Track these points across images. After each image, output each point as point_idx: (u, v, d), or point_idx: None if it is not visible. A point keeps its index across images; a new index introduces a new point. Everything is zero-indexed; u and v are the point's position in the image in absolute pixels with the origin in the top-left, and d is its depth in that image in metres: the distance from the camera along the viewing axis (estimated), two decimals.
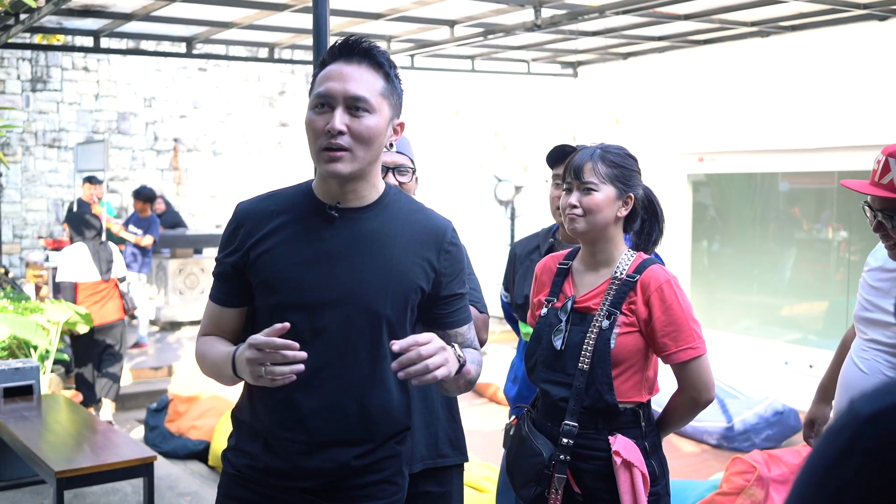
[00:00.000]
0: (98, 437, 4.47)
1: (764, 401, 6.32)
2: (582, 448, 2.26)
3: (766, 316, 9.20)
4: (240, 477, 1.96)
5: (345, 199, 1.91)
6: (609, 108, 9.68)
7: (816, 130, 7.84)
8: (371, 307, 1.88)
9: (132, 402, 7.78)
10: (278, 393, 1.87)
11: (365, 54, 1.87)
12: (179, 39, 8.08)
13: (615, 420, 2.26)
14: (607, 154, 2.32)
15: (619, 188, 2.31)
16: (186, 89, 13.31)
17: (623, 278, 2.28)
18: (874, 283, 2.51)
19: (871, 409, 0.73)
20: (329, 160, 1.83)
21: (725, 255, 9.57)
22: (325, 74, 1.86)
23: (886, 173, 2.29)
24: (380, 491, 1.96)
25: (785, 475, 4.30)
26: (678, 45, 8.59)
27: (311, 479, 1.90)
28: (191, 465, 6.17)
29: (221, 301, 1.99)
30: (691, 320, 2.25)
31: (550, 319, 2.36)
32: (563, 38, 8.36)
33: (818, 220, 8.85)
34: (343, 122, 1.81)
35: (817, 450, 0.77)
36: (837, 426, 0.75)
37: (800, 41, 7.85)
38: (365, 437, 1.91)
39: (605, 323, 2.25)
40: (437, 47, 8.24)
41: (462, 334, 2.05)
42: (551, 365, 2.33)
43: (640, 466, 2.20)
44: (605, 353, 2.23)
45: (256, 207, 1.96)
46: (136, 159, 13.03)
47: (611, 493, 2.21)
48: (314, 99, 1.86)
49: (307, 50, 9.29)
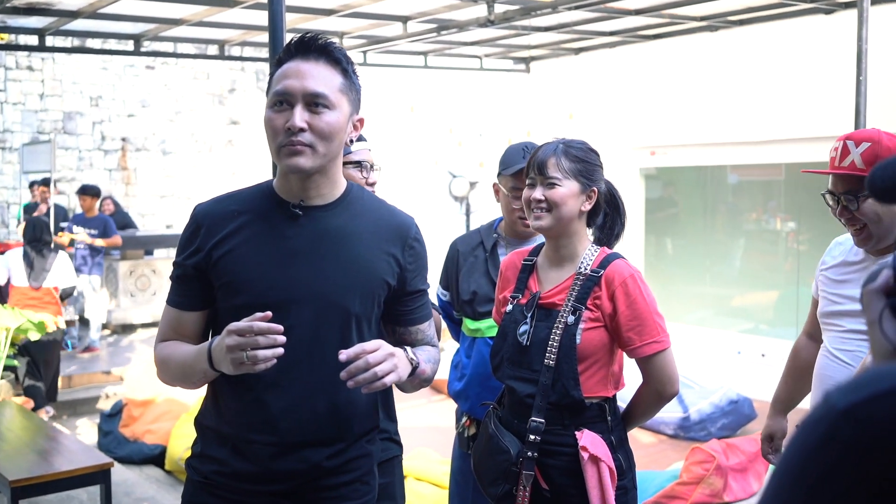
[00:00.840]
0: (52, 444, 4.38)
1: (718, 390, 6.41)
2: (549, 444, 2.26)
3: (718, 306, 9.33)
4: (207, 484, 1.92)
5: (307, 197, 1.89)
6: (562, 104, 9.73)
7: (764, 123, 7.97)
8: (339, 304, 1.87)
9: (85, 407, 7.64)
10: (246, 395, 1.85)
11: (322, 51, 1.85)
12: (127, 37, 7.94)
13: (581, 415, 2.26)
14: (570, 149, 2.33)
15: (583, 182, 2.32)
16: (134, 88, 13.10)
17: (587, 273, 2.29)
18: (838, 277, 2.53)
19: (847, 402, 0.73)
20: (290, 154, 1.81)
21: (677, 248, 9.69)
22: (283, 72, 1.84)
23: (846, 156, 2.35)
24: (352, 492, 1.94)
25: (743, 464, 4.37)
26: (629, 39, 8.67)
27: (282, 481, 1.87)
28: (147, 470, 6.08)
29: (181, 305, 1.94)
30: (655, 314, 2.27)
31: (516, 316, 2.36)
32: (515, 34, 8.38)
33: (766, 211, 9.00)
34: (303, 119, 1.80)
35: (794, 443, 0.77)
36: (813, 419, 0.76)
37: (748, 35, 7.97)
38: (336, 436, 1.90)
39: (570, 318, 2.25)
40: (390, 43, 8.21)
41: (423, 331, 2.05)
42: (517, 362, 2.32)
43: (607, 461, 2.21)
44: (570, 348, 2.23)
45: (216, 208, 1.93)
46: (84, 159, 12.79)
47: (578, 488, 2.22)
48: (272, 97, 1.84)
49: (258, 47, 9.20)
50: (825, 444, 0.73)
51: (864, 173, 2.31)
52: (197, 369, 1.85)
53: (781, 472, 0.77)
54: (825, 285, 2.57)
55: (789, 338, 8.35)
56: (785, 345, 8.09)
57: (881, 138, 2.34)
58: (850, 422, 0.72)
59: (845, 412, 0.72)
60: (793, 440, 0.77)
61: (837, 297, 2.50)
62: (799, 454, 0.76)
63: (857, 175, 2.31)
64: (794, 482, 0.75)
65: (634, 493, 2.35)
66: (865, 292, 0.90)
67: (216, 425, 1.92)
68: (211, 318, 1.96)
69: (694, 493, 4.28)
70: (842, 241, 2.60)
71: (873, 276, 0.90)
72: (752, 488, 4.43)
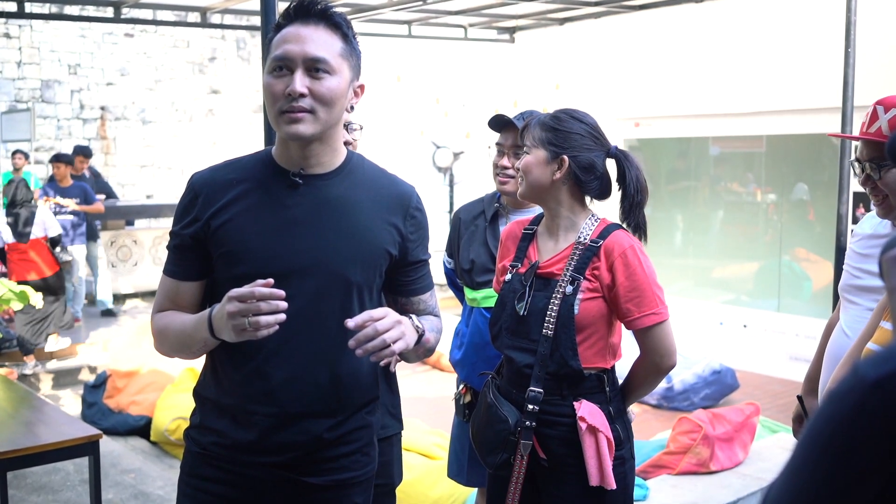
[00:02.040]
0: (38, 415, 4.34)
1: (701, 361, 6.47)
2: (547, 414, 2.27)
3: (699, 277, 9.39)
4: (206, 455, 1.91)
5: (307, 166, 1.87)
6: (547, 74, 9.69)
7: (747, 95, 7.97)
8: (340, 273, 1.85)
9: (68, 378, 7.60)
10: (246, 365, 1.84)
11: (321, 16, 1.82)
12: (106, 4, 7.80)
13: (580, 386, 2.27)
14: (549, 119, 2.34)
15: (551, 151, 2.31)
16: (113, 56, 12.92)
17: (586, 244, 2.28)
18: (863, 250, 2.48)
19: (877, 374, 0.73)
20: (290, 121, 1.78)
21: (659, 219, 9.72)
22: (282, 37, 1.81)
23: (874, 121, 2.28)
24: (352, 462, 1.94)
25: (729, 433, 4.41)
26: (614, 10, 8.62)
27: (282, 452, 1.86)
28: (132, 441, 6.06)
29: (178, 275, 1.92)
30: (654, 286, 2.26)
31: (514, 285, 2.36)
32: (500, 3, 8.31)
33: (748, 183, 9.03)
34: (304, 85, 1.77)
35: (821, 414, 0.77)
36: (842, 390, 0.76)
37: (733, 6, 7.95)
38: (336, 407, 1.89)
39: (568, 288, 2.24)
40: (374, 12, 8.12)
41: (425, 301, 2.04)
42: (515, 331, 2.32)
43: (604, 431, 2.22)
44: (568, 318, 2.23)
45: (214, 176, 1.90)
46: (62, 129, 12.63)
47: (576, 458, 2.23)
48: (272, 62, 1.81)
49: (239, 14, 9.07)
50: (855, 415, 0.73)
51: None
52: (197, 338, 1.82)
53: (808, 443, 0.77)
54: (850, 258, 2.52)
55: (770, 309, 8.43)
56: (766, 315, 8.20)
57: None
58: (879, 393, 0.72)
59: (875, 383, 0.72)
60: (820, 411, 0.77)
61: (859, 272, 2.47)
62: (827, 425, 0.76)
63: (882, 142, 2.24)
64: (821, 452, 0.75)
65: (632, 462, 2.37)
66: (885, 259, 0.90)
67: (215, 396, 1.91)
68: (209, 289, 1.94)
69: (681, 463, 4.32)
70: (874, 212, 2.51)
71: (893, 243, 0.90)
72: (738, 458, 4.48)
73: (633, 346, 2.39)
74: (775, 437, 4.95)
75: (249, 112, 13.92)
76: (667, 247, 9.48)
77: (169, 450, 5.84)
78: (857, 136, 2.33)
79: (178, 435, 5.64)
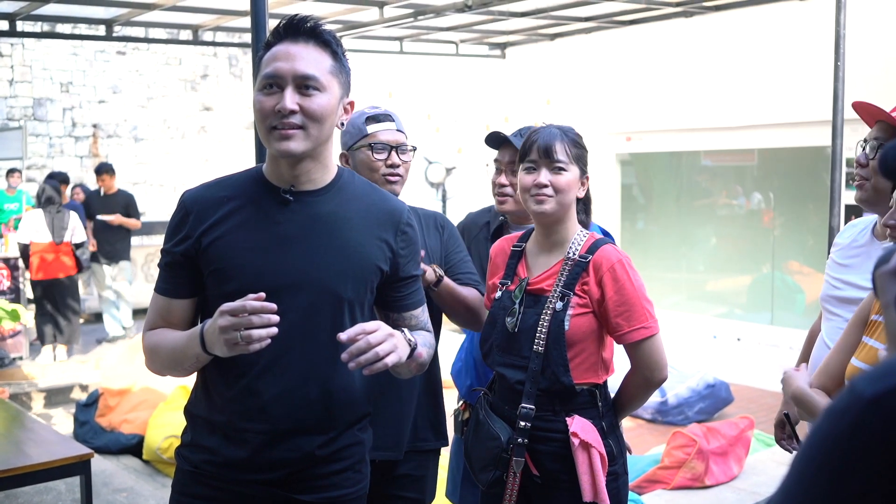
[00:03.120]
0: (28, 434, 4.31)
1: (695, 374, 6.45)
2: (539, 430, 2.25)
3: (693, 291, 9.40)
4: (197, 473, 1.90)
5: (298, 183, 1.87)
6: (538, 90, 9.73)
7: (738, 109, 8.01)
8: (332, 290, 1.85)
9: (59, 397, 7.55)
10: (238, 382, 1.84)
11: (311, 33, 1.83)
12: (98, 22, 7.82)
13: (572, 401, 2.26)
14: (568, 135, 2.32)
15: (581, 169, 2.32)
16: (105, 74, 12.92)
17: (576, 259, 2.28)
18: (843, 261, 2.50)
19: (874, 391, 0.72)
20: (281, 138, 1.79)
21: (652, 233, 9.73)
22: (272, 55, 1.82)
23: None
24: (344, 480, 1.93)
25: (723, 447, 4.41)
26: (605, 25, 8.67)
27: (273, 470, 1.86)
28: (124, 459, 6.02)
29: (170, 292, 1.92)
30: (644, 300, 2.26)
31: (504, 302, 2.35)
32: (491, 20, 8.35)
33: (740, 196, 9.06)
34: (294, 101, 1.78)
35: (818, 430, 0.76)
36: (840, 407, 0.75)
37: (723, 21, 8.00)
38: (328, 423, 1.88)
39: (558, 304, 2.24)
40: (366, 29, 8.15)
41: (416, 317, 2.03)
42: (506, 348, 2.31)
43: (597, 447, 2.20)
44: (559, 334, 2.22)
45: (205, 194, 1.90)
46: (54, 146, 12.62)
47: (569, 473, 2.21)
48: (262, 80, 1.82)
49: (231, 32, 9.10)
50: (852, 433, 0.72)
51: None
52: (189, 354, 1.81)
53: (805, 460, 0.76)
54: (830, 269, 2.53)
55: (764, 322, 8.44)
56: (760, 329, 8.20)
57: None
58: (877, 410, 0.71)
59: (873, 401, 0.72)
60: (816, 428, 0.77)
61: (839, 282, 2.47)
62: (824, 442, 0.75)
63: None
64: (817, 470, 0.74)
65: (626, 478, 2.36)
66: (878, 275, 0.89)
67: (207, 414, 1.90)
68: (200, 306, 1.94)
69: (676, 477, 4.31)
70: (856, 223, 2.56)
71: (885, 257, 0.89)
72: (732, 472, 4.47)
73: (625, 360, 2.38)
74: (770, 451, 4.94)
75: (241, 129, 13.93)
76: (660, 261, 9.49)
77: (161, 468, 5.80)
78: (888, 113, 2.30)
79: (171, 453, 5.61)
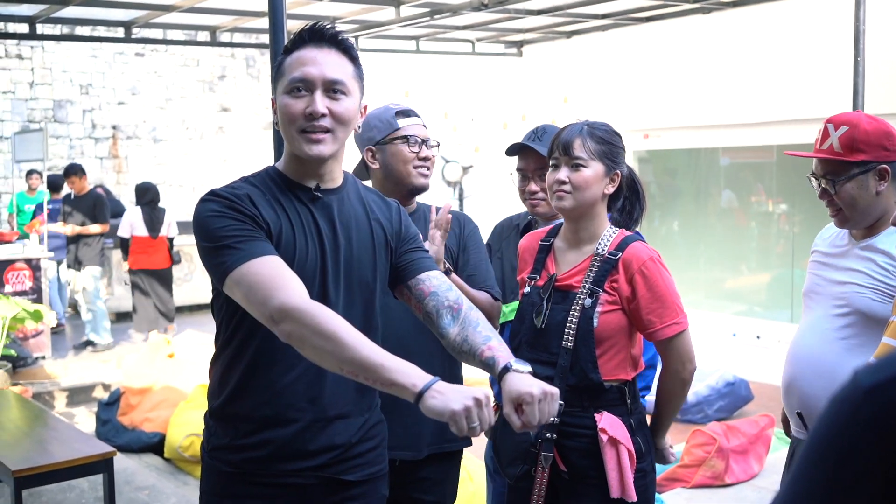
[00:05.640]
0: (52, 433, 4.36)
1: (715, 372, 6.43)
2: (568, 426, 2.25)
3: (711, 289, 9.36)
4: (239, 473, 1.90)
5: (322, 181, 1.94)
6: (555, 87, 9.71)
7: (756, 106, 7.97)
8: (364, 280, 1.95)
9: (81, 396, 7.62)
10: (287, 374, 1.87)
11: (333, 40, 1.91)
12: (117, 24, 7.88)
13: (600, 398, 2.25)
14: (595, 130, 2.31)
15: (607, 165, 2.30)
16: (124, 75, 13.01)
17: (605, 256, 2.27)
18: (823, 259, 2.55)
19: (871, 381, 0.73)
20: (311, 142, 1.86)
21: (670, 231, 9.71)
22: (299, 59, 1.88)
23: (826, 139, 2.38)
24: (377, 457, 2.02)
25: (744, 446, 4.39)
26: (622, 22, 8.65)
27: (320, 455, 1.91)
28: (146, 458, 6.07)
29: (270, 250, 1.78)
30: (674, 295, 2.25)
31: (533, 298, 2.35)
32: (507, 18, 8.35)
33: (759, 193, 9.02)
34: (324, 105, 1.85)
35: (821, 420, 0.78)
36: (840, 397, 0.76)
37: (741, 17, 7.96)
38: (364, 407, 1.98)
39: (587, 301, 2.24)
40: (382, 28, 8.17)
41: (434, 276, 1.99)
42: (534, 344, 2.31)
43: (626, 443, 2.20)
44: (588, 331, 2.22)
45: (237, 191, 1.89)
46: (75, 148, 12.71)
47: (597, 470, 2.21)
48: (290, 83, 1.87)
49: (248, 33, 9.15)
50: (848, 422, 0.73)
51: (841, 157, 2.34)
52: (384, 377, 1.65)
53: (809, 449, 0.78)
54: (812, 266, 2.59)
55: (784, 320, 8.39)
56: (780, 327, 8.15)
57: (860, 122, 2.35)
58: (872, 401, 0.72)
59: (869, 390, 0.73)
60: (820, 418, 0.78)
61: (819, 279, 2.53)
62: (825, 431, 0.76)
63: (836, 159, 2.35)
64: (819, 459, 0.76)
65: (653, 475, 2.35)
66: None
67: (249, 410, 1.90)
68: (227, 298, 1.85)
69: (696, 476, 4.30)
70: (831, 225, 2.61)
71: None
72: (752, 470, 4.45)
73: None
74: None
75: (259, 129, 13.99)
76: (678, 258, 9.46)
77: (183, 466, 5.85)
78: (811, 154, 2.44)
79: (192, 451, 5.65)
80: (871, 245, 2.39)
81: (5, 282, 8.18)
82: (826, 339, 2.41)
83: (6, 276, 8.22)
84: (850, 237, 2.47)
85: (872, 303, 2.33)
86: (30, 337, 8.07)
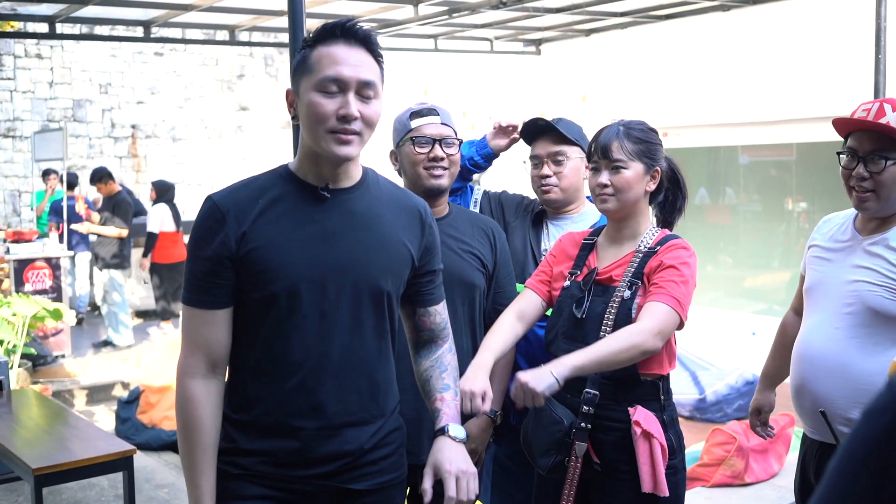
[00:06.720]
0: (72, 431, 4.39)
1: (734, 371, 6.40)
2: (601, 418, 2.26)
3: (731, 288, 9.30)
4: (248, 475, 1.88)
5: (335, 180, 1.89)
6: (574, 86, 9.68)
7: (776, 103, 7.91)
8: (374, 284, 1.89)
9: (101, 394, 7.67)
10: (287, 382, 1.84)
11: (364, 39, 1.84)
12: (136, 23, 7.92)
13: (635, 391, 2.26)
14: (631, 130, 2.33)
15: (647, 163, 2.33)
16: (143, 75, 13.08)
17: (646, 251, 2.31)
18: (824, 254, 2.50)
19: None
20: (340, 143, 1.81)
21: (690, 229, 9.65)
22: (330, 57, 1.80)
23: (881, 115, 2.26)
24: (391, 465, 1.97)
25: (764, 445, 4.36)
26: (640, 20, 8.61)
27: (329, 463, 1.88)
28: (165, 456, 6.10)
29: (212, 303, 1.84)
30: (689, 287, 2.25)
31: (573, 291, 2.36)
32: (526, 16, 8.33)
33: (778, 191, 8.95)
34: (357, 108, 1.80)
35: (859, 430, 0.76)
36: (879, 406, 0.75)
37: (760, 14, 7.90)
38: (377, 413, 1.93)
39: (626, 293, 2.25)
40: (401, 27, 8.17)
41: (439, 313, 2.07)
42: (572, 335, 2.30)
43: (659, 438, 2.19)
44: (626, 322, 2.21)
45: (236, 196, 1.86)
46: (94, 147, 12.79)
47: (630, 464, 2.20)
48: (322, 82, 1.79)
49: (267, 32, 9.16)
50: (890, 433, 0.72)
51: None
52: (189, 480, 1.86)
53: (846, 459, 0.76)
54: (812, 263, 2.53)
55: None
56: None
57: None
58: None
59: None
60: (856, 429, 0.76)
61: (821, 275, 2.47)
62: (865, 441, 0.75)
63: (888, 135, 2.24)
64: (859, 468, 0.74)
65: (684, 474, 2.34)
66: None
67: (254, 418, 1.88)
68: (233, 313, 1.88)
69: (715, 475, 4.27)
70: (829, 218, 2.57)
71: None
72: (772, 469, 4.42)
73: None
74: None
75: (278, 128, 14.03)
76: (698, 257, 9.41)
77: None
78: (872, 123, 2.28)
79: None
80: (882, 241, 2.32)
81: (25, 280, 8.24)
82: (836, 337, 2.35)
83: (26, 275, 8.29)
84: (855, 232, 2.41)
85: (885, 301, 2.27)
86: (49, 335, 8.13)
